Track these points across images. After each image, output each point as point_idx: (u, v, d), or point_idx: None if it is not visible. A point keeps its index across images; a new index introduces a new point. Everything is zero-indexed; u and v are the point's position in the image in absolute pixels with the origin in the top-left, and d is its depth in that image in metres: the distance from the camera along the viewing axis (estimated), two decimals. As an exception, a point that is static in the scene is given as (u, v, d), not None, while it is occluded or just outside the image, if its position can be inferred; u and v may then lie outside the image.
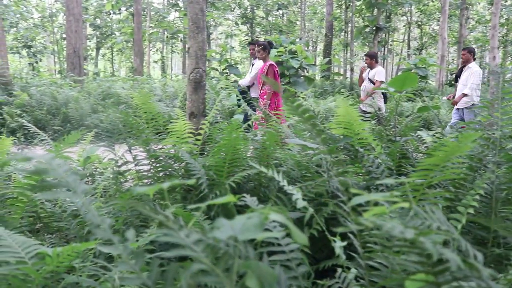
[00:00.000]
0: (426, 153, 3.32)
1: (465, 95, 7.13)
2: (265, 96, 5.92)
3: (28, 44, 28.40)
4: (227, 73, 12.62)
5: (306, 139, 3.85)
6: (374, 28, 16.79)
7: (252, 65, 6.87)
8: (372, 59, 7.54)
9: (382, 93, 7.43)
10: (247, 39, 27.10)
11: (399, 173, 2.95)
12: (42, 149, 3.99)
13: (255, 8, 25.88)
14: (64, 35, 29.88)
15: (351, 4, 19.48)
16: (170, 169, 2.68)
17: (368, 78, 7.51)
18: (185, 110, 3.67)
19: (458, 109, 7.39)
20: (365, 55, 7.93)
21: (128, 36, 23.78)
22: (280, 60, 12.89)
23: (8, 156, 2.35)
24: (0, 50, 11.00)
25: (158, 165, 2.52)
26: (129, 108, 9.85)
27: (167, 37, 28.40)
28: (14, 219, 2.22)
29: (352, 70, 20.07)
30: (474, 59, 8.06)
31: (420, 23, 27.61)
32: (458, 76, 7.64)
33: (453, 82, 19.95)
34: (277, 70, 6.26)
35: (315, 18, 32.66)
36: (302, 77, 13.35)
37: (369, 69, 7.59)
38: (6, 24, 23.66)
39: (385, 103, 7.62)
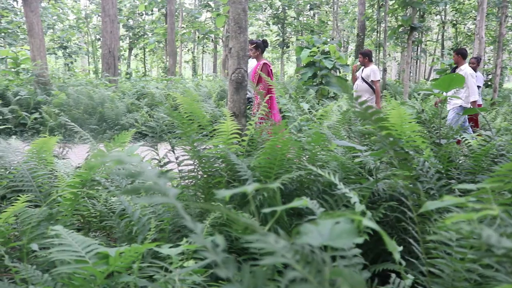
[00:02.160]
0: (473, 157, 3.23)
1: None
2: (258, 96, 5.77)
3: (64, 45, 29.11)
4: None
5: (344, 140, 3.80)
6: (409, 27, 16.47)
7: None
8: (365, 58, 7.41)
9: (374, 92, 7.25)
10: (278, 39, 27.05)
11: (449, 177, 2.87)
12: (88, 148, 4.06)
13: (286, 8, 25.78)
14: (98, 36, 30.52)
15: (384, 3, 19.20)
16: (213, 169, 2.67)
17: (361, 77, 7.35)
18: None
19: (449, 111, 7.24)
20: (359, 53, 7.80)
21: (160, 37, 24.08)
22: (313, 60, 12.81)
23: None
24: (40, 51, 11.28)
25: (204, 165, 2.51)
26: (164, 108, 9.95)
27: (198, 37, 28.61)
28: (64, 217, 2.25)
29: (385, 70, 19.77)
30: (478, 62, 7.94)
31: (455, 22, 26.97)
32: None
33: (489, 83, 19.44)
34: (271, 69, 6.14)
35: (347, 18, 32.34)
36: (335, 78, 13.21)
37: (362, 67, 7.45)
38: (44, 26, 24.31)
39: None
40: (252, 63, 6.34)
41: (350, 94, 1.20)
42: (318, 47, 12.79)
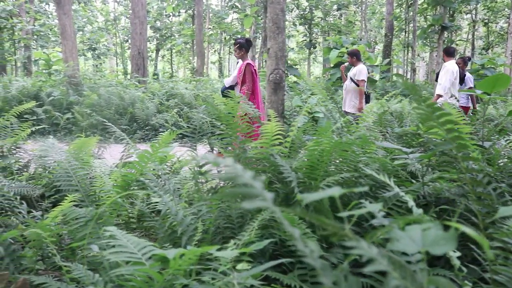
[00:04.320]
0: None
1: (439, 96, 6.88)
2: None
3: (93, 46, 29.66)
4: (286, 74, 12.56)
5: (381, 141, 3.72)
6: (439, 27, 16.18)
7: (237, 63, 6.62)
8: (353, 57, 7.31)
9: (364, 92, 7.10)
10: (304, 40, 26.94)
11: (497, 180, 2.77)
12: (123, 148, 4.10)
13: (313, 8, 25.65)
14: (126, 38, 30.98)
15: (413, 3, 18.91)
16: (255, 171, 2.65)
17: (350, 77, 7.24)
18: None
19: None
20: (347, 53, 7.69)
21: (188, 38, 24.27)
22: (342, 61, 12.69)
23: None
24: (72, 53, 11.49)
25: (245, 166, 2.49)
26: (194, 109, 10.02)
27: (225, 38, 28.75)
28: (109, 217, 2.26)
29: (414, 71, 19.46)
30: (465, 62, 7.94)
31: (486, 21, 26.36)
32: (438, 75, 7.48)
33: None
34: (255, 69, 5.91)
35: (374, 18, 32.00)
36: (364, 78, 13.08)
37: (352, 67, 7.35)
38: (74, 28, 24.82)
39: (367, 102, 7.19)
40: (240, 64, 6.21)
41: (418, 95, 1.16)
42: (346, 48, 12.67)
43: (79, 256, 2.05)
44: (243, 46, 5.96)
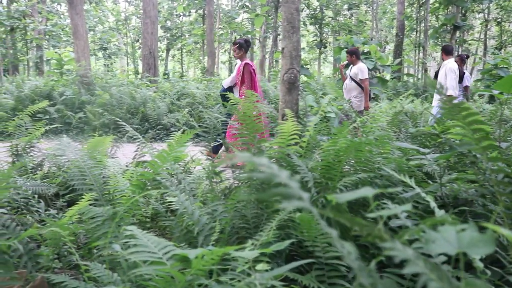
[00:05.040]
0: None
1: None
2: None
3: (104, 46, 29.84)
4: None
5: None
6: (451, 26, 16.04)
7: (236, 64, 6.62)
8: (352, 56, 7.27)
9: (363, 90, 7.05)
10: (315, 40, 26.86)
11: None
12: (136, 147, 4.11)
13: (324, 8, 25.55)
14: (136, 37, 31.12)
15: (425, 1, 18.76)
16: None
17: (350, 75, 7.17)
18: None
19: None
20: (346, 51, 7.63)
21: (198, 38, 24.31)
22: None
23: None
24: (84, 52, 11.56)
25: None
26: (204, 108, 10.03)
27: (235, 38, 28.78)
28: (126, 216, 2.26)
29: (425, 71, 19.32)
30: (462, 60, 7.88)
31: (499, 20, 26.06)
32: (437, 74, 7.38)
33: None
34: (253, 69, 5.96)
35: (385, 17, 31.82)
36: (375, 78, 13.02)
37: (351, 66, 7.30)
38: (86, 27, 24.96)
39: (369, 100, 7.23)
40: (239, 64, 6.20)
41: (442, 94, 1.15)
42: (358, 47, 12.61)
43: (96, 255, 2.06)
44: (242, 46, 6.01)
